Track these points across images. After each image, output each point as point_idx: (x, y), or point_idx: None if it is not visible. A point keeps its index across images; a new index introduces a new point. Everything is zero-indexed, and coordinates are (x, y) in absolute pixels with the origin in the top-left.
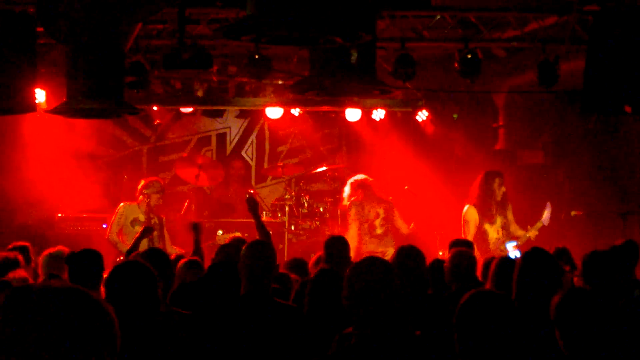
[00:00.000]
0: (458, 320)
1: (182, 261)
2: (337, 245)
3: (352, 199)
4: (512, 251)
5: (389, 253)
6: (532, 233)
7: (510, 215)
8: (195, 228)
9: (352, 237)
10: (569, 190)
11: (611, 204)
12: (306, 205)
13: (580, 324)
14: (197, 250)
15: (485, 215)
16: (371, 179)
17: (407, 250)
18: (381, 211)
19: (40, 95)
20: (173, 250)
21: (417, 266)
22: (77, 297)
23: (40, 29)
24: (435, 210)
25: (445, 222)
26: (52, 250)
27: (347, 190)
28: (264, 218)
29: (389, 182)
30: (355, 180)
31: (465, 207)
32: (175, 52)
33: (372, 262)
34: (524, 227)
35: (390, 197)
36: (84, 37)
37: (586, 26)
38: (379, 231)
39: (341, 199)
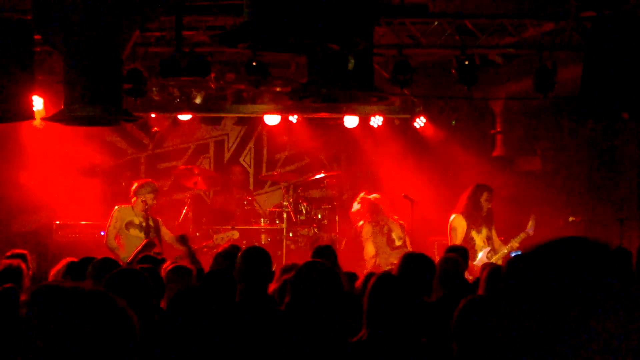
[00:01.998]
0: (456, 326)
1: (168, 268)
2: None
3: (361, 222)
4: None
5: None
6: (514, 244)
7: (493, 233)
8: (182, 240)
9: (369, 253)
10: (567, 196)
11: (608, 210)
12: (304, 212)
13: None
14: (194, 261)
15: (473, 223)
16: (378, 198)
17: (414, 258)
18: (395, 225)
19: (37, 103)
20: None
21: (422, 273)
22: (103, 300)
23: (37, 37)
24: (432, 216)
25: (442, 229)
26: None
27: (355, 205)
28: (262, 225)
29: (392, 197)
30: (365, 199)
31: (453, 216)
32: (172, 59)
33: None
34: (515, 234)
35: (396, 217)
36: (81, 45)
37: (583, 32)
38: (398, 243)
39: (352, 215)
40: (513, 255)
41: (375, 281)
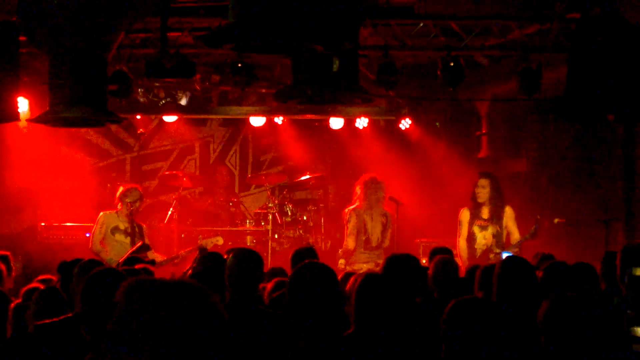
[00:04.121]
0: (445, 327)
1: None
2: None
3: (352, 207)
4: None
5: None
6: (514, 249)
7: (511, 225)
8: (202, 251)
9: (348, 246)
10: (552, 197)
11: (594, 212)
12: (290, 213)
13: (567, 331)
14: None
15: (476, 218)
16: (375, 180)
17: (399, 258)
18: (379, 224)
19: (23, 104)
20: (154, 257)
21: (408, 274)
22: (195, 292)
23: (22, 38)
24: (418, 218)
25: (427, 230)
26: None
27: (357, 189)
28: (247, 226)
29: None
30: (364, 176)
31: (462, 210)
32: (158, 60)
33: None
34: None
35: (401, 203)
36: (67, 46)
37: (568, 34)
38: (374, 244)
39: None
40: (505, 256)
41: (362, 281)
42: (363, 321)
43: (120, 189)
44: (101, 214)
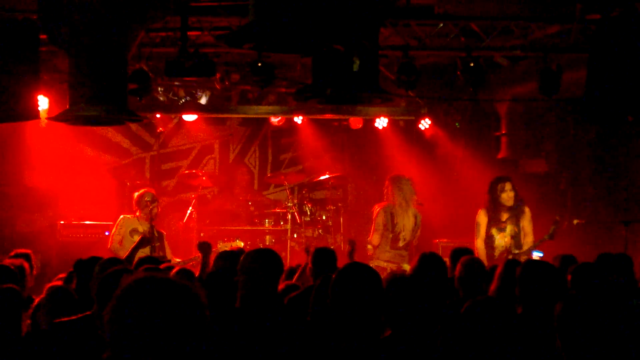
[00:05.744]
0: (459, 328)
1: (174, 271)
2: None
3: (383, 203)
4: None
5: (404, 267)
6: (527, 248)
7: (527, 225)
8: (202, 248)
9: (373, 242)
10: (572, 198)
11: (613, 212)
12: (309, 213)
13: (582, 332)
14: (204, 271)
15: (494, 220)
16: (405, 179)
17: (430, 258)
18: (411, 223)
19: (43, 103)
20: (175, 262)
21: (438, 275)
22: (182, 289)
23: (43, 36)
24: (437, 218)
25: (447, 231)
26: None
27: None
28: (266, 226)
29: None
30: (392, 178)
31: (479, 211)
32: (178, 59)
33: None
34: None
35: (422, 204)
36: (87, 45)
37: (588, 35)
38: (401, 244)
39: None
40: (534, 254)
41: (389, 283)
42: (396, 324)
43: (135, 195)
44: (121, 216)
